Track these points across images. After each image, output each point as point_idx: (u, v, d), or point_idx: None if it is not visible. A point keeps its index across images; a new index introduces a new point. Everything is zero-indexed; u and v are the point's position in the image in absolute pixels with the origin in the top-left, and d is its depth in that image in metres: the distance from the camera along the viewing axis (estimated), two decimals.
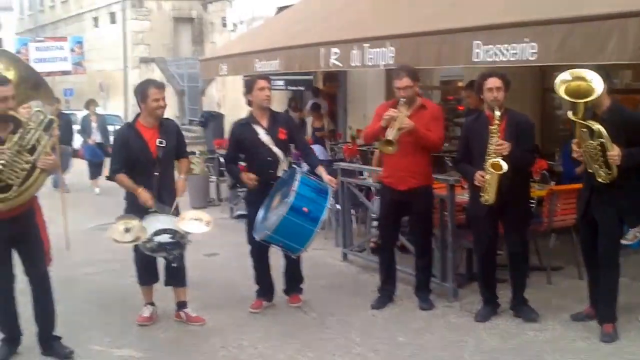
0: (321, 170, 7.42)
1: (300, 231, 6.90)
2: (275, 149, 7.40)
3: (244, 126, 7.56)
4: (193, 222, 6.89)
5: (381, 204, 7.84)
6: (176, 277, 7.24)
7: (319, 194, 7.09)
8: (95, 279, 9.02)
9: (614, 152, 6.08)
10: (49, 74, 11.41)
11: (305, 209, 6.87)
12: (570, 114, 6.14)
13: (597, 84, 5.98)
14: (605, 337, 6.43)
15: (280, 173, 7.40)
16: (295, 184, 6.90)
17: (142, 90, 6.96)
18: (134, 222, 6.58)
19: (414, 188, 7.34)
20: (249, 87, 7.52)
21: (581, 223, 6.86)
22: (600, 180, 6.25)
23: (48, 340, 6.44)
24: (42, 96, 6.91)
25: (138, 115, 7.16)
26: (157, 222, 6.72)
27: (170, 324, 7.27)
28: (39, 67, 11.14)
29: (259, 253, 7.61)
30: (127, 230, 6.49)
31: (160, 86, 7.09)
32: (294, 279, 7.82)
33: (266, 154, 7.38)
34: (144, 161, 6.94)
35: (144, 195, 6.82)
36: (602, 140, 6.09)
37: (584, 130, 6.13)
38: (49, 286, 6.40)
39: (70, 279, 8.89)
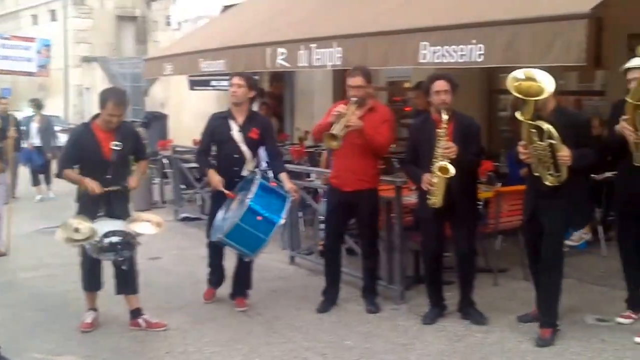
0: (284, 178, 7.39)
1: (252, 238, 6.92)
2: (244, 148, 7.41)
3: (220, 119, 7.59)
4: (144, 223, 6.83)
5: (327, 204, 7.80)
6: (128, 284, 7.08)
7: (277, 201, 7.06)
8: (36, 284, 8.78)
9: (565, 153, 6.05)
10: (11, 72, 11.21)
11: (259, 217, 6.86)
12: (518, 114, 6.11)
13: (548, 85, 5.96)
14: (540, 341, 6.42)
15: (245, 172, 7.40)
16: (253, 190, 6.88)
17: (103, 100, 6.78)
18: (85, 223, 6.48)
19: (359, 190, 7.31)
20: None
21: (527, 227, 6.84)
22: (547, 183, 6.22)
23: None
24: None
25: (96, 116, 6.98)
26: (108, 224, 6.63)
27: (113, 329, 7.10)
28: (2, 65, 11.03)
29: (215, 248, 7.63)
30: (77, 230, 6.40)
31: (120, 103, 6.82)
32: (242, 283, 7.75)
33: (234, 150, 7.41)
34: (96, 163, 6.81)
35: (91, 183, 6.67)
36: (551, 141, 6.05)
37: (533, 130, 6.10)
38: None
39: (11, 283, 8.73)
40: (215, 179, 7.30)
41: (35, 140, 15.86)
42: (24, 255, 10.21)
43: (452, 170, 6.54)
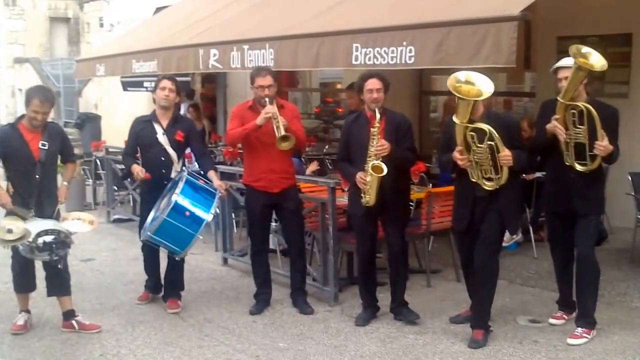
0: (212, 175, 7.41)
1: (181, 234, 6.93)
2: (170, 150, 7.43)
3: (144, 123, 7.60)
4: (76, 221, 6.80)
5: (251, 209, 7.67)
6: (59, 285, 6.98)
7: (205, 198, 7.06)
8: None
9: (507, 153, 6.06)
10: None
11: (187, 212, 6.88)
12: (455, 118, 6.12)
13: (486, 88, 6.00)
14: (473, 343, 6.44)
15: (173, 174, 7.40)
16: (180, 186, 6.91)
17: (27, 97, 6.73)
18: (18, 223, 6.39)
19: (285, 189, 7.36)
20: (155, 86, 7.63)
21: (462, 237, 6.75)
22: (487, 188, 6.22)
23: None
24: None
25: (22, 117, 6.91)
26: (40, 223, 6.55)
27: (45, 332, 7.00)
28: None
29: (149, 249, 7.62)
30: (10, 231, 6.29)
31: (45, 100, 6.75)
32: (174, 284, 7.72)
33: (160, 153, 7.43)
34: (24, 163, 6.73)
35: (4, 198, 6.64)
36: (491, 142, 6.06)
37: (472, 134, 6.12)
38: None
39: None
40: (136, 169, 7.30)
41: None
42: None
43: (386, 169, 6.54)
